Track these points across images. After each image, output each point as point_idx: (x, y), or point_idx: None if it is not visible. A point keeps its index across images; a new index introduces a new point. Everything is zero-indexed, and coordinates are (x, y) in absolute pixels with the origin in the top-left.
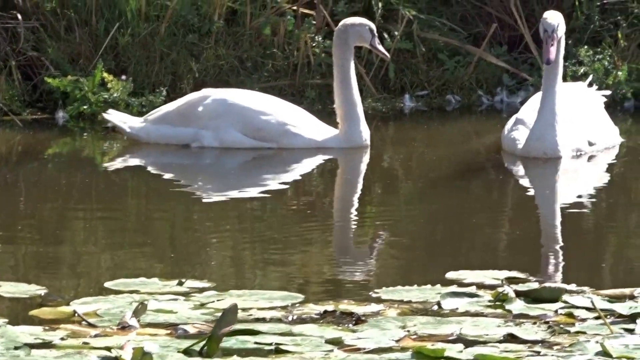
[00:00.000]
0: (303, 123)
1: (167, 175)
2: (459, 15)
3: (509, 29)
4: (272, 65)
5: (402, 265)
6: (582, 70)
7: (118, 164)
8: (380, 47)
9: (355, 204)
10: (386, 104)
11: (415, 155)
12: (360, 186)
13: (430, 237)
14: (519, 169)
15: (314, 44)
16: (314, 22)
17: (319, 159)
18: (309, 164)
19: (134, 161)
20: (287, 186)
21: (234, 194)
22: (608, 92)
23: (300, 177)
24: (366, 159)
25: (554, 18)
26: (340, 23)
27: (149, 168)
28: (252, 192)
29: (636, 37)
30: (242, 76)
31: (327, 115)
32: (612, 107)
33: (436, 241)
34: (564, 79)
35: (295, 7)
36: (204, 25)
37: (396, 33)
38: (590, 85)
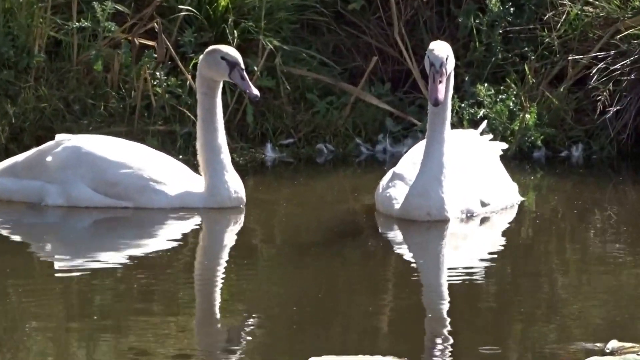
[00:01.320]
0: (168, 178)
1: None
2: (332, 47)
3: (392, 63)
4: (105, 108)
5: (264, 348)
6: (481, 113)
7: None
8: (243, 82)
9: (210, 277)
10: (244, 155)
11: (279, 217)
12: (216, 255)
13: (296, 315)
14: (397, 235)
15: (155, 82)
16: (155, 55)
17: (180, 223)
18: (166, 229)
19: None
20: (133, 256)
21: (63, 263)
22: (504, 146)
23: (151, 245)
24: (235, 220)
25: (441, 49)
26: None
27: None
28: (87, 262)
29: (547, 72)
30: (68, 121)
31: None
32: (519, 157)
33: (303, 320)
34: (460, 124)
35: (131, 37)
36: (21, 59)
37: (255, 68)
38: (483, 133)
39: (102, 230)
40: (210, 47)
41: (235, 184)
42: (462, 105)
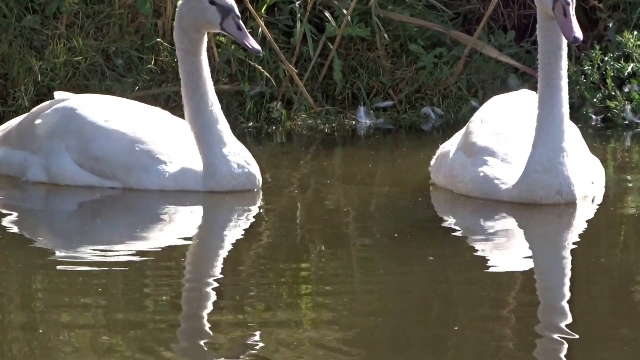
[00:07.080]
0: (169, 154)
1: None
2: None
3: (517, 5)
4: (156, 63)
5: None
6: (629, 68)
7: None
8: (240, 33)
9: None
10: (330, 121)
11: (367, 198)
12: (223, 261)
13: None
14: (510, 223)
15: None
16: None
17: (174, 210)
18: (157, 219)
19: None
20: (109, 254)
21: (22, 257)
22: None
23: (133, 242)
24: (249, 207)
25: None
26: None
27: None
28: (51, 259)
29: None
30: (108, 80)
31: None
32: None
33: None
34: (603, 82)
35: None
36: (50, 2)
37: (344, 11)
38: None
39: (78, 215)
40: None
41: (239, 159)
42: (606, 58)
